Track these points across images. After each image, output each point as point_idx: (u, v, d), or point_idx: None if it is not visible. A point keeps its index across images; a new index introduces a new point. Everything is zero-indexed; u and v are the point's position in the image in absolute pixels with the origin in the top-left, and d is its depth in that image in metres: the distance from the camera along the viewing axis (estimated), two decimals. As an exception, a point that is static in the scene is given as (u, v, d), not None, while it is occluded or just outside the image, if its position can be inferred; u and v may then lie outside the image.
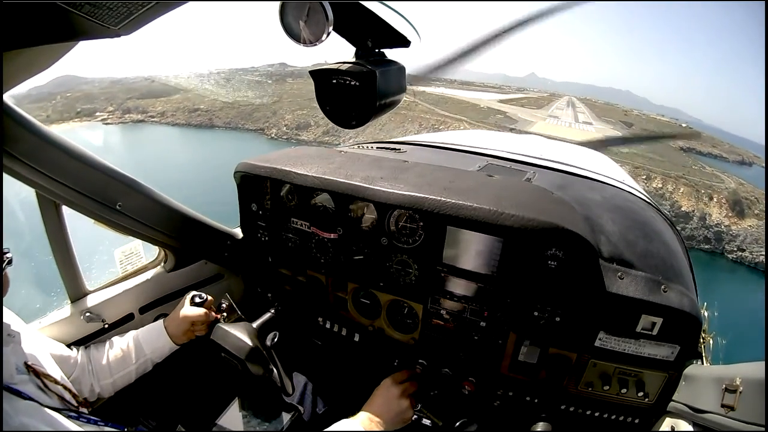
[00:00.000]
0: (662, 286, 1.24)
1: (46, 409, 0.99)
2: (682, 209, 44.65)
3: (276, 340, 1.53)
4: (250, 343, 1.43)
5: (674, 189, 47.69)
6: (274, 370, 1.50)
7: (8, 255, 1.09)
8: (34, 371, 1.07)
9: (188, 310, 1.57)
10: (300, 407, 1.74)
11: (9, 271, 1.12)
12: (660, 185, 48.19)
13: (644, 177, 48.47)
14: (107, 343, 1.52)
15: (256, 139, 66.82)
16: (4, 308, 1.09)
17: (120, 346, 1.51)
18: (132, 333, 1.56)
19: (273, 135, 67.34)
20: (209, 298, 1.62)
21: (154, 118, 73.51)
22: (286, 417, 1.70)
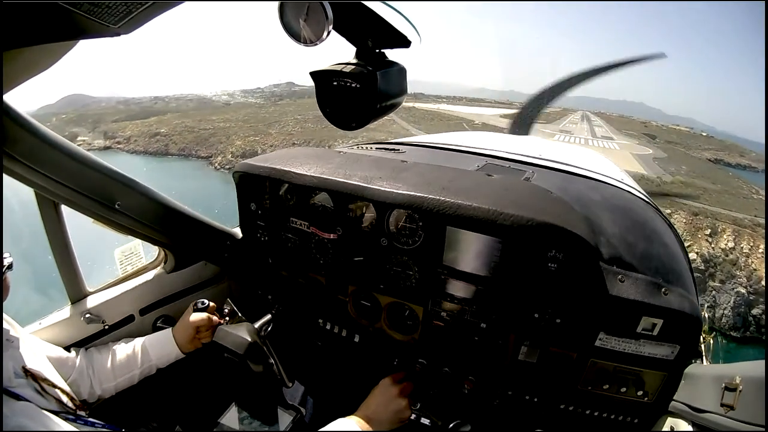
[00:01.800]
0: (663, 289, 1.24)
1: (44, 411, 0.99)
2: (762, 283, 26.35)
3: (270, 328, 1.54)
4: (248, 338, 1.44)
5: (752, 248, 28.72)
6: (273, 363, 1.51)
7: (9, 259, 1.09)
8: (31, 375, 1.07)
9: (192, 315, 1.59)
10: (301, 408, 1.74)
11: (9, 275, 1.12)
12: (731, 243, 29.30)
13: (707, 232, 30.39)
14: (111, 347, 1.53)
15: (199, 171, 59.21)
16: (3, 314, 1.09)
17: (126, 351, 1.52)
18: (139, 339, 1.57)
19: (217, 164, 59.74)
20: (211, 303, 1.64)
21: (120, 144, 69.83)
22: (287, 419, 1.70)
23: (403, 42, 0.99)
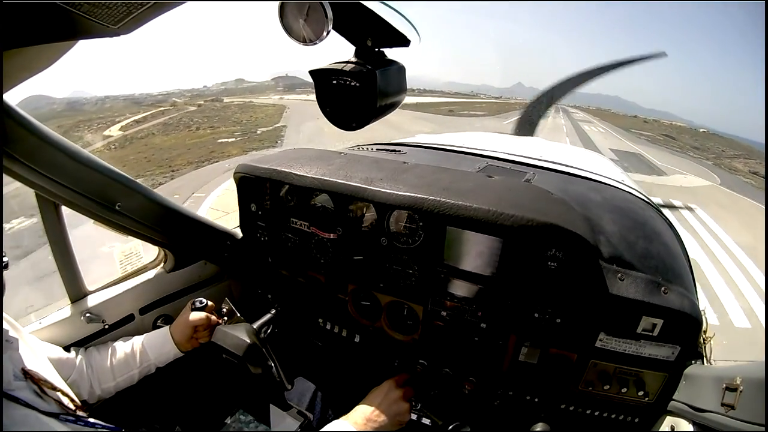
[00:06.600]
0: (662, 288, 1.24)
1: (43, 416, 0.98)
2: None
3: (269, 331, 1.53)
4: (247, 340, 1.44)
5: None
6: (272, 365, 1.51)
7: (4, 258, 1.09)
8: (31, 377, 1.05)
9: (190, 314, 1.58)
10: (309, 414, 1.73)
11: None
12: None
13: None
14: (110, 346, 1.52)
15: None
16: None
17: (124, 350, 1.52)
18: (137, 337, 1.57)
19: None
20: (210, 303, 1.63)
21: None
22: (295, 425, 1.70)
23: (402, 41, 1.00)
